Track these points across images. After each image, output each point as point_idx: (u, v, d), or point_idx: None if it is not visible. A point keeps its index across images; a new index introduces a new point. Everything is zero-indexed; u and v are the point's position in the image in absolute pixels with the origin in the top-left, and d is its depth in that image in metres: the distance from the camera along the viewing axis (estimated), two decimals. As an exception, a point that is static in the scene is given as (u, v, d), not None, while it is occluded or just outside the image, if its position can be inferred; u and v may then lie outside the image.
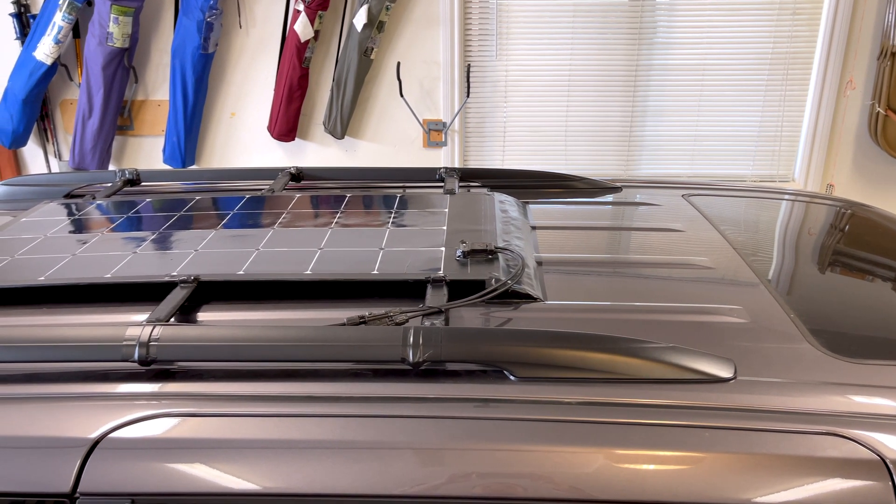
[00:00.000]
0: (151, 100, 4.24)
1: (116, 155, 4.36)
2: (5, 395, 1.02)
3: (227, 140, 4.35)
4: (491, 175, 2.05)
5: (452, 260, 1.34)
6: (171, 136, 4.08)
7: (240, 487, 0.90)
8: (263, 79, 4.20)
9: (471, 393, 0.99)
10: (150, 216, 1.67)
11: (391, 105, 4.25)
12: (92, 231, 1.57)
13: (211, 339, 1.03)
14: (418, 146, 4.35)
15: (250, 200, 1.76)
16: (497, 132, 4.37)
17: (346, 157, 4.37)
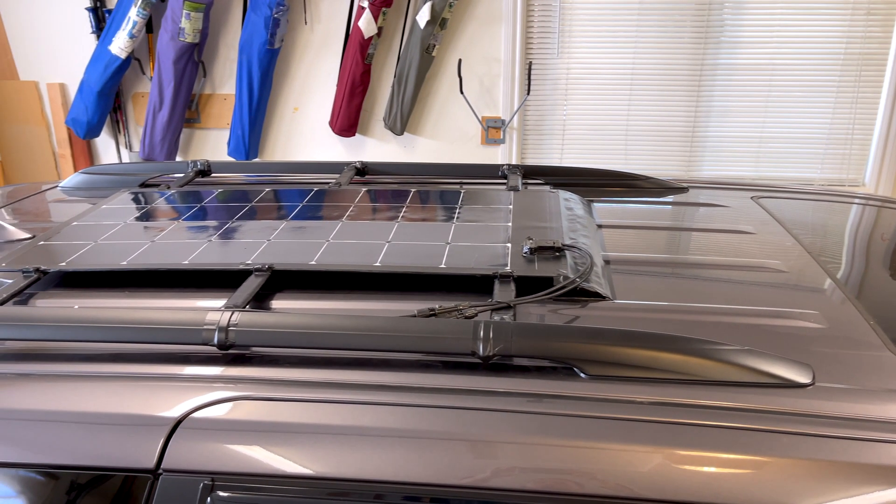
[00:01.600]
0: (218, 94, 4.35)
1: (183, 147, 4.50)
2: (93, 373, 1.06)
3: (290, 134, 4.43)
4: (554, 172, 2.05)
5: (519, 256, 1.35)
6: (236, 129, 4.18)
7: (313, 471, 0.92)
8: (326, 74, 4.26)
9: (540, 388, 1.00)
10: (222, 206, 1.72)
11: (450, 102, 4.27)
12: (168, 219, 1.63)
13: (287, 325, 1.06)
14: (476, 143, 4.36)
15: (318, 193, 1.80)
16: (556, 130, 4.34)
17: (404, 153, 4.41)
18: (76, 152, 4.53)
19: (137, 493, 0.94)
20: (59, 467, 0.97)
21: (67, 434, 0.98)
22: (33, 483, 0.98)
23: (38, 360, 1.11)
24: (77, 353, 1.12)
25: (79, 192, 2.08)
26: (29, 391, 1.04)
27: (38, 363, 1.10)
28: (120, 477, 0.95)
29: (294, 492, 0.92)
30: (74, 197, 2.03)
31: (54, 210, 1.92)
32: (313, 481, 0.92)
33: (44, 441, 0.98)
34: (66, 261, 1.39)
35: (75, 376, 1.06)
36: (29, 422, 1.00)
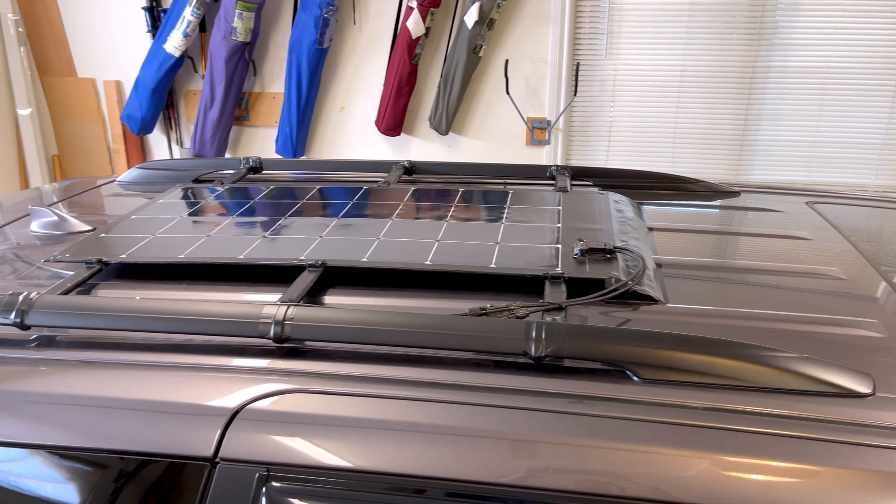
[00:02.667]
0: (267, 92, 4.42)
1: (232, 144, 4.58)
2: (154, 363, 1.10)
3: (336, 133, 4.48)
4: (602, 174, 2.03)
5: (570, 257, 1.34)
6: (285, 127, 4.25)
7: (366, 466, 0.93)
8: (373, 74, 4.30)
9: (593, 390, 0.99)
10: (275, 202, 1.75)
11: (496, 102, 4.27)
12: (222, 215, 1.66)
13: (341, 321, 1.07)
14: (520, 144, 4.35)
15: (368, 191, 1.82)
16: (602, 132, 4.31)
17: (448, 153, 4.42)
18: (130, 148, 4.65)
19: (195, 480, 0.97)
20: (120, 453, 1.00)
21: (129, 421, 1.01)
22: (96, 467, 1.01)
23: (101, 348, 1.15)
24: (137, 343, 1.16)
25: (135, 187, 2.13)
26: (93, 378, 1.07)
27: (100, 351, 1.14)
28: (179, 464, 0.98)
29: (347, 485, 0.93)
30: (131, 191, 2.09)
31: (112, 203, 1.98)
32: (365, 475, 0.93)
33: (107, 427, 1.01)
34: (126, 253, 1.43)
35: (137, 365, 1.09)
36: (92, 408, 1.03)
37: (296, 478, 0.94)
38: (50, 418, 1.04)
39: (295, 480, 0.94)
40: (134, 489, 1.00)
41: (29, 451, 1.03)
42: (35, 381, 1.08)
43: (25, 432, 1.03)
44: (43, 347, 1.16)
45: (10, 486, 1.04)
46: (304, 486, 0.94)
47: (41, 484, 1.03)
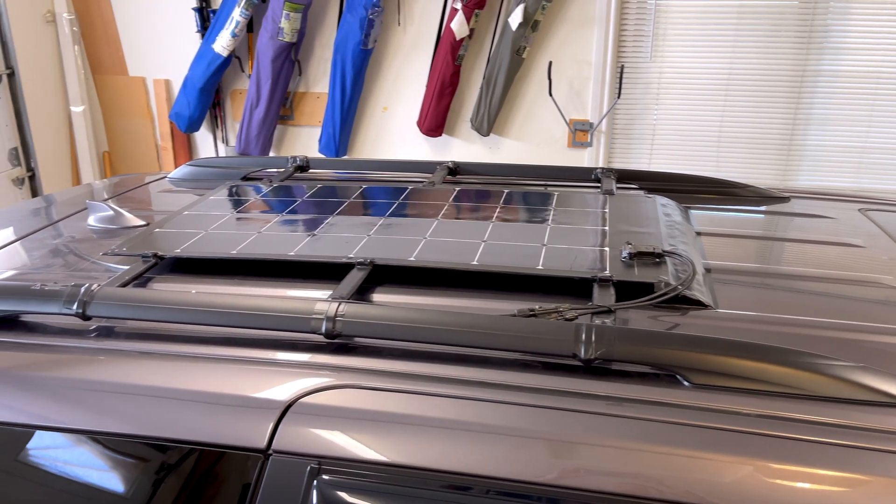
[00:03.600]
0: (312, 92, 4.48)
1: (276, 142, 4.65)
2: (207, 355, 1.12)
3: (378, 133, 4.52)
4: (648, 177, 2.02)
5: (618, 261, 1.34)
6: (328, 126, 4.30)
7: (415, 462, 0.95)
8: (416, 75, 4.33)
9: (642, 394, 0.99)
10: (322, 201, 1.77)
11: (538, 104, 4.26)
12: (271, 212, 1.69)
13: (392, 318, 1.09)
14: (562, 146, 4.33)
15: (413, 191, 1.83)
16: (645, 135, 4.27)
17: (489, 154, 4.43)
18: (177, 145, 4.75)
19: (249, 470, 0.99)
20: (176, 442, 1.02)
21: (185, 411, 1.04)
22: (151, 456, 1.04)
23: (158, 339, 1.18)
24: (192, 335, 1.19)
25: (185, 183, 2.18)
26: (150, 369, 1.10)
27: (157, 343, 1.17)
28: (232, 454, 1.00)
29: (396, 481, 0.94)
30: (181, 188, 2.13)
31: (164, 199, 2.03)
32: (414, 472, 0.94)
33: (163, 417, 1.04)
34: (180, 248, 1.47)
35: (192, 357, 1.12)
36: (149, 397, 1.06)
37: (346, 472, 0.96)
38: (108, 406, 1.07)
39: (345, 474, 0.96)
40: (188, 478, 1.02)
41: (86, 437, 1.06)
42: (94, 370, 1.12)
43: (84, 419, 1.07)
44: (102, 337, 1.20)
45: (67, 471, 1.07)
46: (354, 481, 0.95)
47: (97, 470, 1.06)
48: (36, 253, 1.60)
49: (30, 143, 4.28)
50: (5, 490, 1.08)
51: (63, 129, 4.57)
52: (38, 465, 1.08)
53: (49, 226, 1.79)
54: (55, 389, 1.10)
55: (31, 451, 1.09)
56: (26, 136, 4.27)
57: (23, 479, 1.08)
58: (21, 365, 1.14)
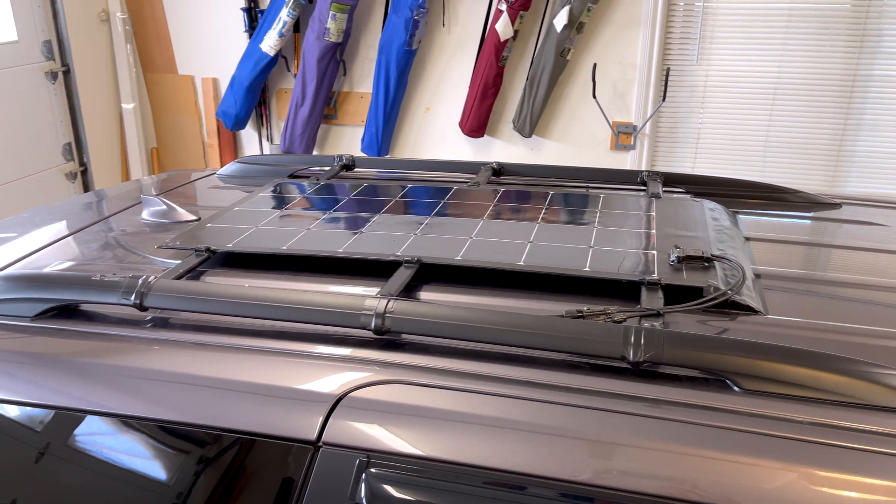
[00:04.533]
0: (355, 92, 4.53)
1: (320, 141, 4.71)
2: (259, 347, 1.15)
3: (420, 133, 4.55)
4: (695, 181, 2.00)
5: (666, 264, 1.33)
6: (371, 126, 4.34)
7: (462, 459, 0.96)
8: (459, 76, 4.34)
9: (691, 398, 0.99)
10: (368, 199, 1.80)
11: (581, 106, 4.24)
12: (319, 209, 1.72)
13: (441, 316, 1.10)
14: (605, 148, 4.31)
15: (458, 191, 1.84)
16: (690, 138, 4.22)
17: (531, 156, 4.42)
18: (223, 143, 4.85)
19: (299, 461, 1.01)
20: (227, 431, 1.05)
21: (238, 402, 1.06)
22: (203, 444, 1.07)
23: (211, 331, 1.21)
24: (243, 328, 1.21)
25: (233, 180, 2.23)
26: (204, 360, 1.13)
27: (210, 334, 1.20)
28: (283, 445, 1.02)
29: (443, 477, 0.95)
30: (230, 184, 2.18)
31: (213, 195, 2.07)
32: (461, 468, 0.95)
33: (215, 407, 1.07)
34: (231, 242, 1.50)
35: (244, 349, 1.15)
36: (203, 388, 1.09)
37: (394, 466, 0.97)
38: (163, 395, 1.10)
39: (393, 469, 0.97)
40: (238, 467, 1.05)
41: (140, 424, 1.10)
42: (150, 359, 1.15)
43: (139, 406, 1.10)
44: (157, 328, 1.23)
45: (120, 457, 1.11)
46: (402, 475, 0.97)
47: (149, 456, 1.10)
48: (93, 245, 1.65)
49: (83, 138, 4.41)
50: (63, 472, 1.12)
51: (114, 126, 4.69)
52: (92, 450, 1.12)
53: (104, 219, 1.85)
54: (112, 377, 1.13)
55: (87, 435, 1.13)
56: (80, 131, 4.39)
57: (78, 463, 1.12)
58: (81, 352, 1.18)
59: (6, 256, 1.59)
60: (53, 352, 1.18)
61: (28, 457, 1.14)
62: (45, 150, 4.20)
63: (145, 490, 1.09)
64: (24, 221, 1.88)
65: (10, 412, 1.15)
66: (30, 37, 4.03)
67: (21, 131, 4.01)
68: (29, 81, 4.04)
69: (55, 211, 1.97)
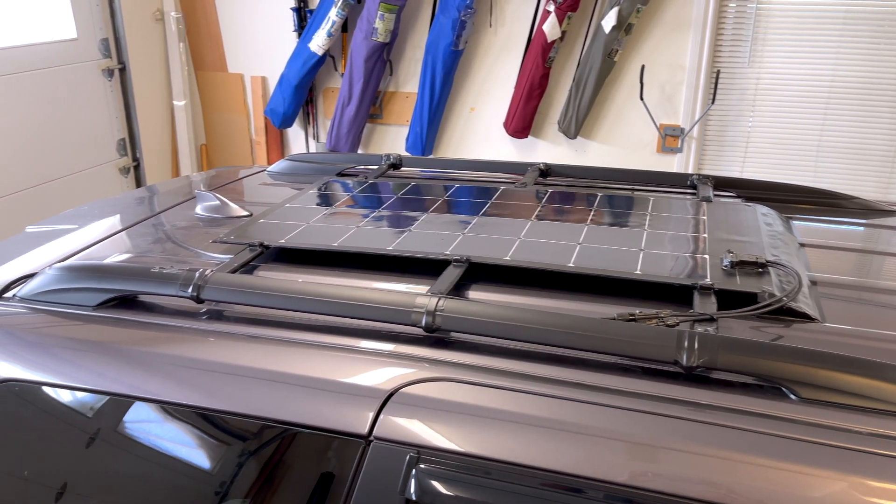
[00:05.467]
0: (401, 91, 4.56)
1: (364, 140, 4.75)
2: (311, 342, 1.17)
3: (464, 133, 4.55)
4: (747, 185, 1.96)
5: (718, 269, 1.31)
6: (416, 126, 4.36)
7: (512, 458, 0.96)
8: (505, 76, 4.34)
9: (745, 405, 0.97)
10: (416, 198, 1.81)
11: (628, 108, 4.20)
12: (368, 207, 1.74)
13: (492, 316, 1.10)
14: (651, 151, 4.26)
15: (506, 192, 1.84)
16: (739, 142, 4.14)
17: (575, 157, 4.39)
18: (270, 140, 4.92)
19: (350, 455, 1.02)
20: (281, 423, 1.07)
21: (291, 395, 1.08)
22: (256, 435, 1.09)
23: (264, 324, 1.23)
24: (295, 322, 1.24)
25: (283, 177, 2.26)
26: (257, 352, 1.16)
27: (263, 328, 1.22)
28: (335, 438, 1.04)
29: (492, 475, 0.96)
30: (279, 181, 2.21)
31: (264, 192, 2.11)
32: (510, 467, 0.96)
33: (269, 398, 1.09)
34: (284, 238, 1.53)
35: (297, 343, 1.17)
36: (256, 379, 1.11)
37: (443, 463, 0.98)
38: (217, 385, 1.13)
39: (442, 465, 0.98)
40: (290, 458, 1.07)
41: (194, 413, 1.12)
42: (205, 350, 1.18)
43: (193, 396, 1.13)
44: (212, 320, 1.26)
45: (172, 444, 1.14)
46: (451, 472, 0.97)
47: (201, 445, 1.12)
48: (149, 238, 1.70)
49: (136, 134, 4.52)
50: (118, 457, 1.16)
51: (166, 122, 4.80)
52: (146, 436, 1.15)
53: (160, 213, 1.90)
54: (169, 366, 1.17)
55: (142, 422, 1.16)
56: (133, 127, 4.51)
57: (132, 449, 1.16)
58: (140, 341, 1.21)
59: (68, 247, 1.65)
60: (114, 340, 1.22)
61: (86, 441, 1.17)
62: (101, 145, 4.32)
63: (194, 479, 1.12)
64: (83, 214, 1.94)
65: (71, 397, 1.19)
66: (88, 35, 4.15)
67: (78, 127, 4.13)
68: (87, 78, 4.16)
69: (112, 204, 2.03)
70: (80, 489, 1.15)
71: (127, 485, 1.13)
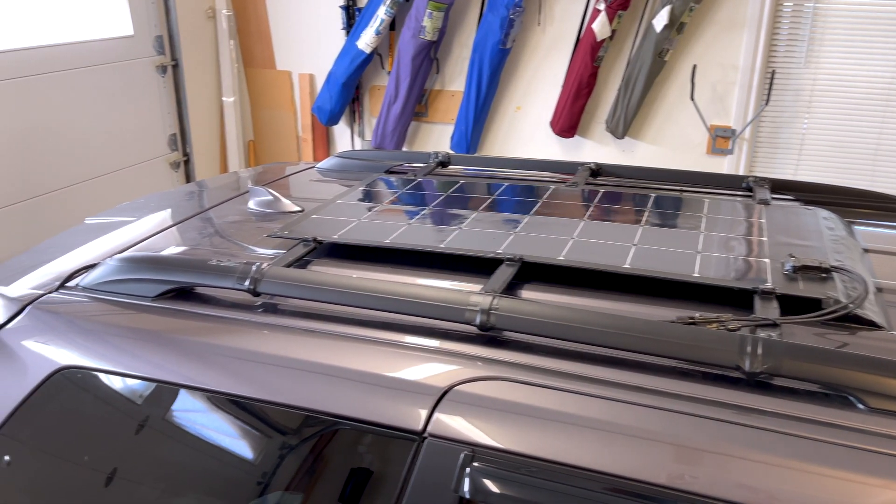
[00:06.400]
0: (447, 90, 4.56)
1: (409, 138, 4.76)
2: (365, 337, 1.17)
3: (509, 132, 4.53)
4: (805, 189, 1.91)
5: (779, 273, 1.28)
6: (461, 124, 4.35)
7: (568, 460, 0.95)
8: (552, 75, 4.30)
9: (810, 413, 0.94)
10: (466, 196, 1.80)
11: (677, 108, 4.13)
12: (418, 205, 1.74)
13: (548, 316, 1.09)
14: (700, 152, 4.18)
15: (557, 191, 1.83)
16: (793, 144, 4.04)
17: (622, 157, 4.34)
18: (316, 137, 4.97)
19: (403, 451, 1.02)
20: (335, 416, 1.08)
21: (346, 389, 1.09)
22: (310, 428, 1.10)
23: (318, 319, 1.24)
24: (348, 317, 1.24)
25: (332, 174, 2.28)
26: (312, 346, 1.16)
27: (317, 322, 1.23)
28: (389, 434, 1.04)
29: (547, 476, 0.95)
30: (329, 178, 2.23)
31: (314, 188, 2.13)
32: (565, 469, 0.95)
33: (323, 392, 1.10)
34: (336, 234, 1.54)
35: (351, 337, 1.17)
36: (312, 373, 1.12)
37: (498, 462, 0.97)
38: (271, 378, 1.14)
39: (497, 464, 0.97)
40: (344, 452, 1.07)
41: (251, 404, 1.14)
42: (261, 343, 1.19)
43: (248, 387, 1.14)
44: (267, 313, 1.28)
45: (226, 436, 1.15)
46: (506, 472, 0.97)
47: (255, 436, 1.13)
48: (204, 231, 1.72)
49: (187, 129, 4.61)
50: (173, 445, 1.18)
51: (215, 118, 4.88)
52: (200, 426, 1.17)
53: (214, 207, 1.93)
54: (225, 358, 1.18)
55: (196, 412, 1.18)
56: (184, 123, 4.59)
57: (187, 438, 1.17)
58: (198, 332, 1.23)
59: (126, 238, 1.69)
60: (173, 331, 1.24)
61: (144, 428, 1.20)
62: (153, 139, 4.42)
63: (245, 470, 1.13)
64: (139, 206, 1.98)
65: (130, 385, 1.22)
66: (144, 32, 4.24)
67: (132, 122, 4.23)
68: (142, 74, 4.25)
69: (167, 198, 2.07)
70: (133, 475, 1.18)
71: (178, 472, 1.15)
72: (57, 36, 3.68)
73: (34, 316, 1.34)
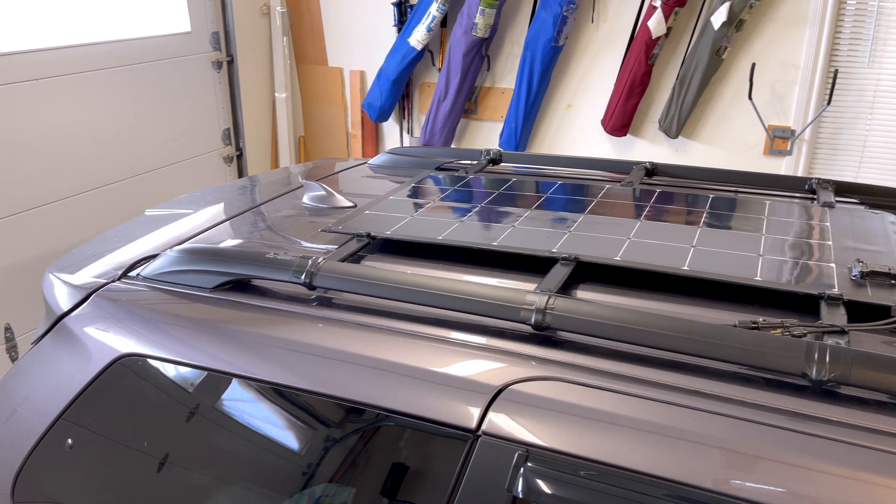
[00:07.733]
0: (497, 87, 4.54)
1: (458, 135, 4.75)
2: (419, 333, 1.17)
3: (559, 130, 4.49)
4: (872, 192, 1.84)
5: (846, 279, 1.24)
6: (511, 122, 4.33)
7: (626, 463, 0.93)
8: (604, 73, 4.25)
9: (881, 424, 0.91)
10: (518, 194, 1.79)
11: (734, 107, 4.03)
12: (470, 202, 1.73)
13: (606, 317, 1.07)
14: (757, 153, 4.08)
15: (611, 190, 1.80)
16: (855, 145, 3.91)
17: (675, 157, 4.26)
18: (366, 133, 5.00)
19: (457, 448, 1.02)
20: (389, 411, 1.08)
21: (401, 385, 1.09)
22: (364, 422, 1.11)
23: (372, 314, 1.25)
24: (402, 313, 1.24)
25: (383, 170, 2.29)
26: (367, 340, 1.17)
27: (371, 316, 1.24)
28: (443, 430, 1.04)
29: (603, 479, 0.93)
30: (380, 174, 2.24)
31: (366, 184, 2.14)
32: (620, 471, 0.93)
33: (378, 387, 1.10)
34: (390, 230, 1.54)
35: (405, 333, 1.17)
36: (367, 368, 1.13)
37: (552, 462, 0.96)
38: (326, 371, 1.15)
39: (551, 465, 0.96)
40: (397, 447, 1.08)
41: (302, 396, 1.15)
42: (316, 335, 1.20)
43: (302, 380, 1.15)
44: (322, 307, 1.29)
45: (280, 426, 1.17)
46: (560, 472, 0.95)
47: (309, 428, 1.14)
48: (259, 224, 1.75)
49: (240, 124, 4.68)
50: (226, 433, 1.19)
51: (267, 114, 4.95)
52: (254, 416, 1.18)
53: (269, 201, 1.95)
54: (280, 349, 1.19)
55: (251, 402, 1.19)
56: (238, 118, 4.67)
57: (238, 427, 1.19)
58: (254, 324, 1.25)
59: (185, 230, 1.72)
60: (230, 321, 1.26)
61: (199, 416, 1.22)
62: (207, 134, 4.50)
63: (297, 462, 1.14)
64: (196, 199, 2.02)
65: (188, 374, 1.24)
66: (201, 28, 4.33)
67: (188, 116, 4.32)
68: (198, 70, 4.34)
69: (223, 191, 2.10)
70: (188, 461, 1.20)
71: (231, 460, 1.17)
72: (118, 32, 3.78)
73: (97, 304, 1.37)
